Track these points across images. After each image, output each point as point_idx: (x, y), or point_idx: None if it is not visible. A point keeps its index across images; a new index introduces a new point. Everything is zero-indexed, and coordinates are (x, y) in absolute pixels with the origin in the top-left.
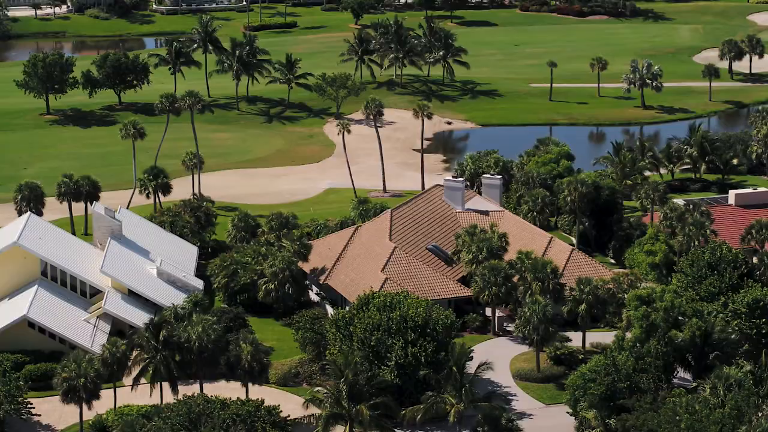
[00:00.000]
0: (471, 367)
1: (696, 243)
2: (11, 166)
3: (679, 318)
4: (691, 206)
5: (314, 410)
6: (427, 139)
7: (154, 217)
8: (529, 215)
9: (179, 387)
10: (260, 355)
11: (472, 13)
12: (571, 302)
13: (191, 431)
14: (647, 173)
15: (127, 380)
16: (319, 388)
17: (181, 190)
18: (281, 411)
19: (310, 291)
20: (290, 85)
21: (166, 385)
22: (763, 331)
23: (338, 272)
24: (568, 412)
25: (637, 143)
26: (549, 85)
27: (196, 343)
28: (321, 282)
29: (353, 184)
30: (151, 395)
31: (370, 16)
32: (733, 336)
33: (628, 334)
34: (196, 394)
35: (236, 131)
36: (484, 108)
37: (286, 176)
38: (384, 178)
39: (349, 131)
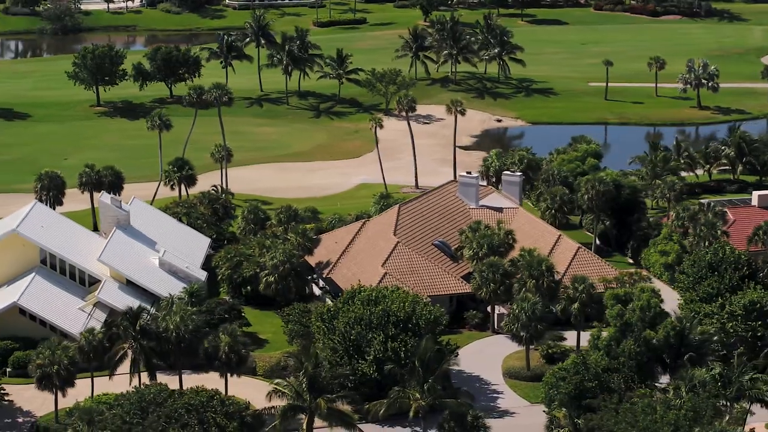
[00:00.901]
0: (461, 364)
1: (706, 243)
2: (52, 157)
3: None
4: (706, 206)
5: (277, 402)
6: (474, 136)
7: (169, 208)
8: (547, 213)
9: (160, 377)
10: (238, 347)
11: (544, 12)
12: (565, 300)
13: (142, 419)
14: (684, 174)
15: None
16: (280, 380)
17: (213, 182)
18: (247, 403)
19: (314, 284)
20: (341, 80)
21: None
22: (759, 334)
23: (341, 266)
24: (544, 411)
25: (674, 143)
26: (606, 84)
27: (174, 333)
28: (324, 275)
29: (384, 179)
30: (130, 384)
31: (440, 13)
32: (715, 337)
33: (605, 333)
34: (151, 383)
35: (282, 126)
36: (536, 106)
37: (322, 171)
38: (416, 174)
39: (381, 126)
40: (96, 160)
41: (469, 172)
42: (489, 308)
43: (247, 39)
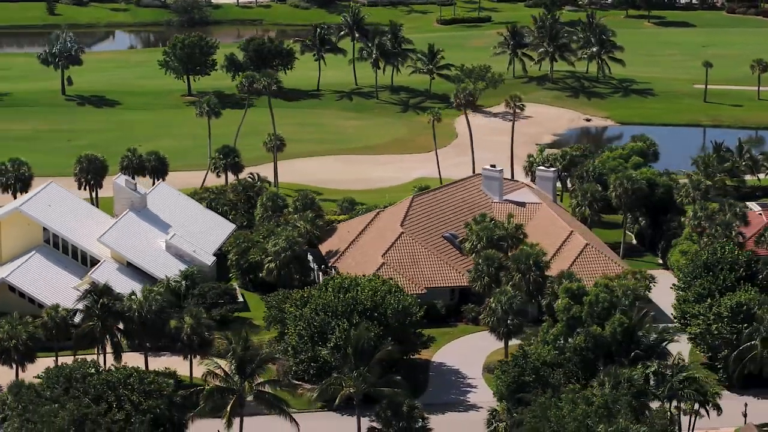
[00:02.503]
0: (445, 357)
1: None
2: (126, 144)
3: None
4: (726, 206)
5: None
6: (556, 135)
7: (197, 193)
8: (577, 210)
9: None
10: (202, 329)
11: (674, 14)
12: (549, 296)
13: (65, 393)
14: (748, 177)
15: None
16: (209, 360)
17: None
18: (175, 383)
19: (326, 273)
20: (432, 75)
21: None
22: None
23: (348, 255)
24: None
25: (737, 144)
26: (709, 86)
27: (136, 313)
28: (331, 264)
29: (440, 174)
30: (97, 361)
31: (570, 14)
32: (668, 336)
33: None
34: (75, 360)
35: (365, 119)
36: (631, 106)
37: (389, 164)
38: (474, 170)
39: (439, 120)
40: (168, 147)
41: (494, 166)
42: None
43: (342, 32)
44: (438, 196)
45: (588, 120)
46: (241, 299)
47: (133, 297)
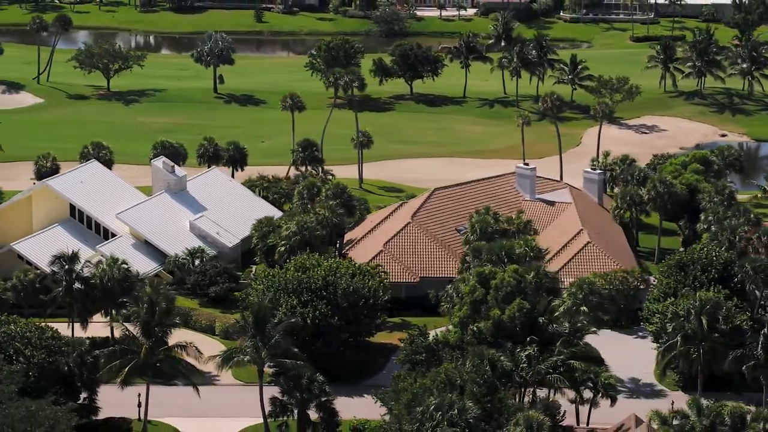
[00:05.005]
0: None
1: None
2: (253, 139)
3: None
4: (740, 212)
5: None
6: (683, 148)
7: (250, 181)
8: (616, 213)
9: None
10: (160, 300)
11: None
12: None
13: None
14: None
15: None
16: (117, 323)
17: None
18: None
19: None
20: (573, 86)
21: None
22: None
23: (361, 243)
24: None
25: None
26: None
27: (98, 280)
28: (344, 252)
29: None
30: (68, 329)
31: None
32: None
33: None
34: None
35: (494, 126)
36: None
37: (492, 167)
38: (561, 175)
39: (528, 124)
40: (286, 144)
41: (527, 164)
42: None
43: (491, 41)
44: (463, 191)
45: (723, 135)
46: (247, 280)
47: (99, 264)
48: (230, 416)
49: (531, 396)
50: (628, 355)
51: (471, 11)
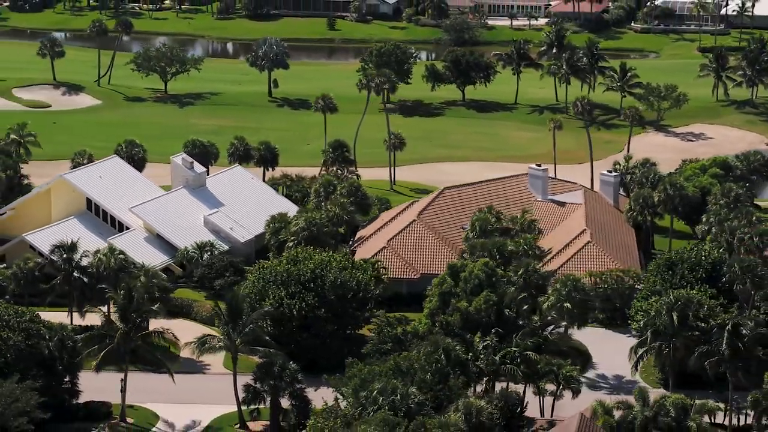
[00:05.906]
0: None
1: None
2: (296, 142)
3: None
4: (742, 214)
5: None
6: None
7: (273, 178)
8: (629, 215)
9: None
10: (153, 289)
11: None
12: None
13: None
14: None
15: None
16: (92, 308)
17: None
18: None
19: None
20: (623, 93)
21: None
22: None
23: (370, 240)
24: None
25: None
26: None
27: (94, 269)
28: (350, 248)
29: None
30: (67, 318)
31: None
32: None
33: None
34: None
35: (540, 132)
36: None
37: (522, 171)
38: (592, 182)
39: (559, 128)
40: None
41: (539, 165)
42: None
43: (543, 48)
44: (473, 190)
45: None
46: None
47: (98, 254)
48: (213, 403)
49: (485, 385)
50: (617, 352)
51: (542, 21)
